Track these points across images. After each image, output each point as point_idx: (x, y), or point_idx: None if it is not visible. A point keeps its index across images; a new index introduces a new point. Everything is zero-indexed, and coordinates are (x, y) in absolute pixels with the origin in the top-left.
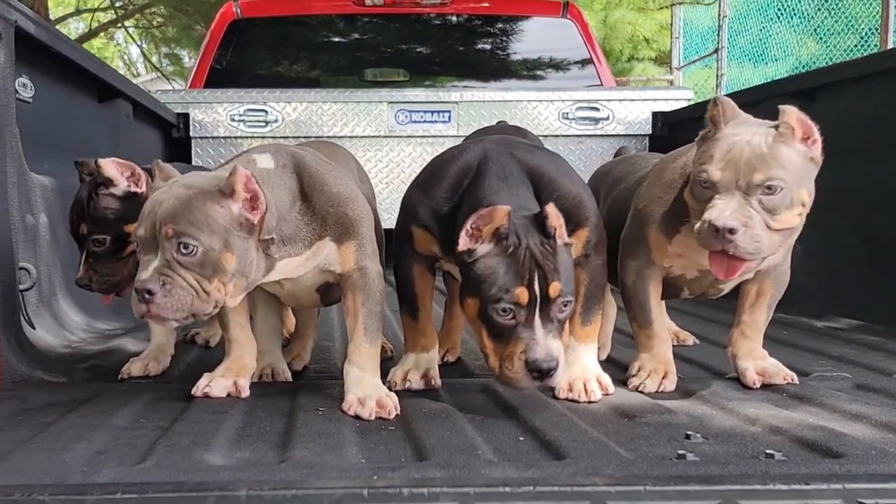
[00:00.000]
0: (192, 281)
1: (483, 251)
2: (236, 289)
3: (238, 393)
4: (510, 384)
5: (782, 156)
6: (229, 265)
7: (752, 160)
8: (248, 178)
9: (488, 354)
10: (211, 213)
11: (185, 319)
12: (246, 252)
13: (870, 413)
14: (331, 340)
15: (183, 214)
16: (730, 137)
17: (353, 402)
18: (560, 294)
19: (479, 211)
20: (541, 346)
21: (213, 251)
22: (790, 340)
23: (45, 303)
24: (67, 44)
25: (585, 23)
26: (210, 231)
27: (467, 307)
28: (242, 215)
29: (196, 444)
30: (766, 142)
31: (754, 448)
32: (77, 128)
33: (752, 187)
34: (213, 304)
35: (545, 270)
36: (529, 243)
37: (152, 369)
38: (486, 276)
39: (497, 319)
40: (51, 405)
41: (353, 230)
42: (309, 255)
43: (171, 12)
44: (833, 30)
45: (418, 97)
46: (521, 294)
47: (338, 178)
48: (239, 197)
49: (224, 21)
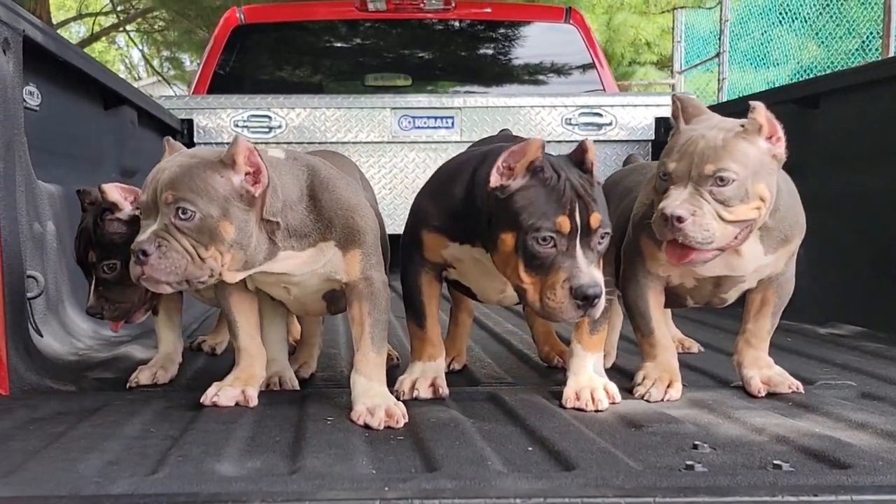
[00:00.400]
0: (187, 246)
1: (518, 185)
2: (234, 261)
3: (246, 402)
4: (552, 315)
5: (737, 149)
6: (227, 234)
7: (704, 152)
8: (250, 151)
9: (526, 289)
10: (211, 182)
11: (180, 285)
12: (245, 224)
13: (875, 422)
14: (336, 348)
15: (183, 181)
16: (688, 132)
17: (362, 412)
18: (601, 225)
19: (509, 149)
20: (584, 273)
21: (211, 218)
22: (794, 347)
23: (53, 310)
24: (74, 51)
25: (588, 28)
26: (209, 198)
27: (502, 244)
28: (243, 187)
29: (207, 454)
30: (723, 136)
31: (762, 458)
32: (83, 135)
33: (703, 178)
34: (207, 271)
35: (585, 201)
36: (568, 176)
37: (160, 378)
38: (524, 206)
39: (537, 249)
40: (61, 414)
41: (358, 239)
42: (313, 253)
43: (173, 16)
44: (835, 34)
45: (421, 103)
46: (562, 222)
47: (348, 185)
48: (240, 168)
49: (227, 27)
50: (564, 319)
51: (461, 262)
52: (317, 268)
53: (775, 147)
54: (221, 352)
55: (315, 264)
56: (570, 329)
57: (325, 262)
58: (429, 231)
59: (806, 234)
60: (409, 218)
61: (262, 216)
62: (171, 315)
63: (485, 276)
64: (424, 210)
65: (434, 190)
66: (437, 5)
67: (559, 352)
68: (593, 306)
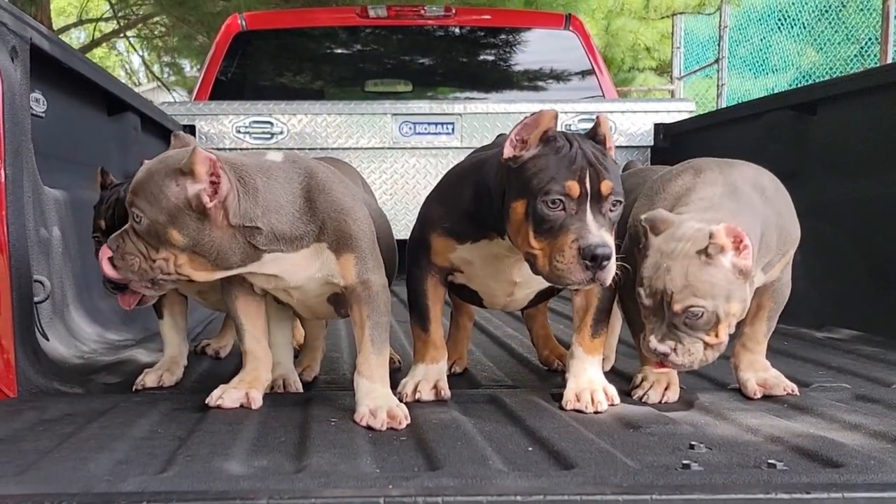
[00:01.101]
0: (140, 247)
1: (530, 154)
2: (195, 264)
3: (250, 404)
4: (561, 278)
5: (703, 280)
6: (176, 240)
7: (670, 289)
8: (211, 162)
9: (536, 255)
10: (164, 189)
11: (142, 283)
12: (199, 232)
13: (868, 423)
14: (339, 352)
15: (141, 186)
16: (654, 256)
17: (364, 414)
18: (612, 192)
19: (522, 121)
20: (593, 234)
21: (158, 224)
22: (791, 351)
23: (58, 314)
24: (79, 59)
25: (587, 34)
26: (158, 206)
27: (513, 212)
28: (197, 197)
29: (214, 454)
30: (688, 267)
31: (756, 458)
32: (87, 141)
33: (676, 315)
34: (158, 271)
35: (597, 168)
36: (581, 145)
37: (166, 380)
38: (535, 173)
39: (546, 212)
40: (70, 416)
41: (351, 243)
42: (307, 255)
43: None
44: (833, 40)
45: (422, 109)
46: (571, 186)
47: (345, 188)
48: (200, 178)
49: (229, 33)
50: (573, 282)
51: (470, 265)
52: (313, 272)
53: (741, 259)
54: (225, 355)
55: (310, 267)
56: (569, 333)
57: (320, 265)
58: (437, 234)
59: (804, 239)
60: (416, 223)
61: (230, 223)
62: (177, 318)
63: (494, 277)
64: (433, 214)
65: (442, 193)
66: (437, 12)
67: (558, 355)
68: (602, 268)
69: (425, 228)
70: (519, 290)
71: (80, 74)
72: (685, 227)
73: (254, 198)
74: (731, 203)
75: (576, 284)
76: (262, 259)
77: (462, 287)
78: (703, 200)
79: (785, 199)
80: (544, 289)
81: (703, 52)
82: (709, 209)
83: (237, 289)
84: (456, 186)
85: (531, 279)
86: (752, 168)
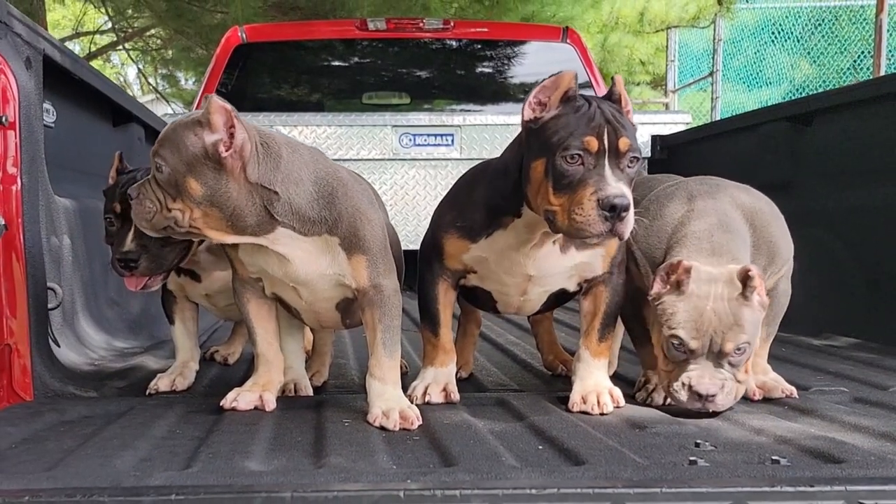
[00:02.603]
0: (159, 195)
1: (551, 115)
2: (210, 219)
3: (263, 406)
4: (581, 231)
5: (746, 320)
6: (193, 191)
7: (721, 330)
8: (227, 113)
9: (555, 211)
10: (183, 139)
11: (156, 230)
12: (217, 183)
13: (868, 424)
14: (345, 358)
15: (166, 137)
16: (694, 301)
17: (377, 415)
18: (630, 149)
19: (541, 83)
20: (612, 186)
21: (178, 173)
22: (789, 357)
23: (69, 322)
24: (88, 69)
25: (585, 47)
26: (178, 155)
27: (533, 171)
28: (213, 146)
29: (235, 452)
30: (731, 309)
31: (760, 455)
32: (94, 151)
33: (724, 354)
34: (173, 220)
35: (614, 126)
36: (599, 104)
37: (179, 384)
38: (555, 131)
39: (564, 167)
40: (89, 417)
41: (363, 244)
42: (318, 244)
43: (171, 35)
44: (827, 52)
45: (422, 121)
46: (590, 142)
47: (364, 192)
48: (216, 128)
49: (229, 46)
50: (592, 234)
51: (484, 263)
52: (324, 268)
53: (763, 296)
54: (234, 362)
55: (321, 261)
56: (571, 342)
57: (330, 260)
58: (450, 236)
59: (801, 248)
60: (429, 229)
61: (247, 179)
62: (188, 324)
63: (509, 272)
64: (445, 217)
65: (453, 195)
66: (436, 25)
67: (563, 360)
68: (621, 219)
69: (438, 232)
70: (533, 287)
71: (88, 85)
72: (710, 272)
73: (276, 163)
74: (722, 236)
75: (595, 237)
76: (275, 232)
77: (474, 290)
78: (696, 235)
79: (777, 222)
80: (557, 290)
81: (698, 65)
82: (712, 254)
83: (249, 292)
84: (467, 184)
85: (546, 274)
86: (744, 192)
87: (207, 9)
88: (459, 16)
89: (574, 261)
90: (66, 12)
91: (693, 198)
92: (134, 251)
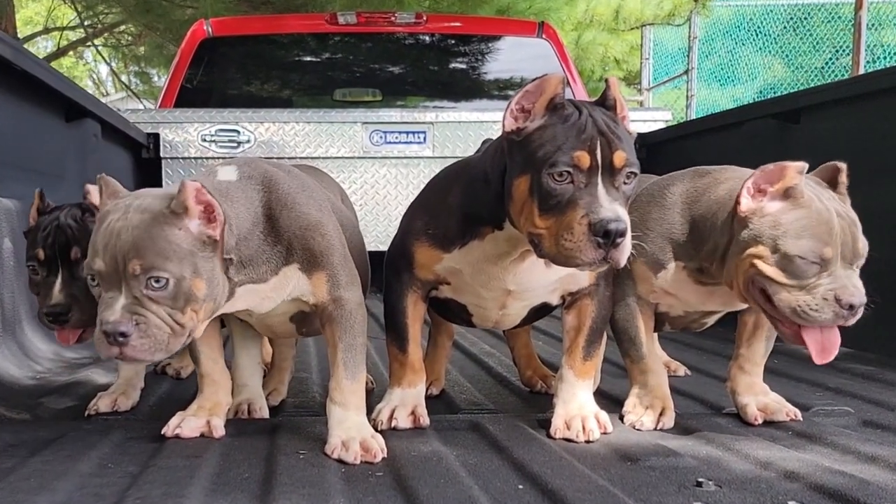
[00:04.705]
0: (164, 316)
1: (535, 125)
2: (205, 314)
3: (211, 433)
4: (570, 259)
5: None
6: (200, 291)
7: (852, 231)
8: (197, 190)
9: (541, 235)
10: (173, 239)
11: (172, 352)
12: (213, 273)
13: (885, 454)
14: (308, 371)
15: (147, 246)
16: (818, 209)
17: (336, 446)
18: (626, 164)
19: (523, 88)
20: (606, 208)
21: (185, 280)
22: (783, 370)
23: (10, 331)
24: (32, 60)
25: (560, 42)
26: (178, 259)
27: (516, 189)
28: (203, 233)
29: (168, 496)
30: (842, 208)
31: (773, 497)
32: (43, 148)
33: (858, 257)
34: (187, 335)
35: (608, 138)
36: (591, 112)
37: (121, 404)
38: (540, 145)
39: (552, 186)
40: (13, 447)
41: (322, 260)
42: (276, 283)
43: (142, 30)
44: (800, 50)
45: (393, 118)
46: (580, 157)
47: (311, 198)
48: (193, 213)
49: (195, 40)
50: (583, 262)
51: (458, 275)
52: (285, 295)
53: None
54: (187, 376)
55: (282, 294)
56: (550, 351)
57: (293, 287)
58: (421, 244)
59: None
60: (397, 234)
61: (222, 255)
62: None
63: (485, 286)
64: (416, 222)
65: (425, 198)
66: (408, 19)
67: (542, 376)
68: (616, 246)
69: (408, 239)
70: (513, 301)
71: (34, 77)
72: (824, 192)
73: (230, 227)
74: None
75: (586, 266)
76: (235, 293)
77: (448, 302)
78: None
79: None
80: (539, 304)
81: (672, 63)
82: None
83: None
84: (442, 186)
85: (526, 288)
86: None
87: (177, 3)
88: (433, 9)
89: (558, 274)
90: (38, 8)
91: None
92: (63, 303)
